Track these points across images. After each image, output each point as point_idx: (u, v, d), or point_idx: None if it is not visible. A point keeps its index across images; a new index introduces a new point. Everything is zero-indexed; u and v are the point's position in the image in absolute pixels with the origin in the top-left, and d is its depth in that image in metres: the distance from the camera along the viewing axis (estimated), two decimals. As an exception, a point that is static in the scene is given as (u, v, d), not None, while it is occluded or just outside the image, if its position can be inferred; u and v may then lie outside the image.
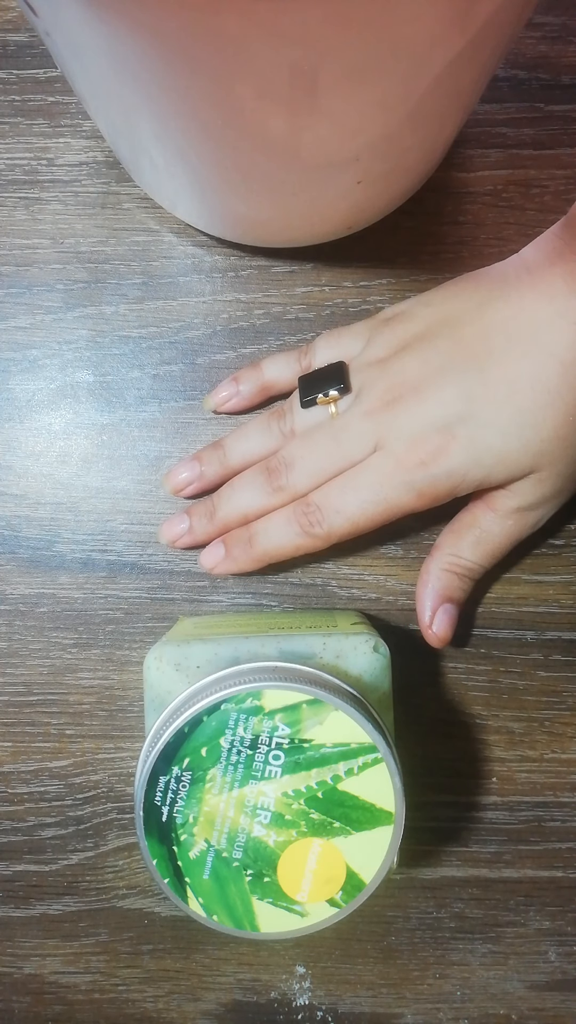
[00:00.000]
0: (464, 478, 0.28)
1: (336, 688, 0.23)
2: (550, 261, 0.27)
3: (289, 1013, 0.32)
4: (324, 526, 0.29)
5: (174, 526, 0.32)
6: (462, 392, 0.27)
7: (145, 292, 0.33)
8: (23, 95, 0.33)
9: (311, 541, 0.29)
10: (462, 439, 0.27)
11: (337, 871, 0.23)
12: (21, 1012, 0.32)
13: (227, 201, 0.29)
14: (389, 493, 0.28)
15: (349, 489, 0.28)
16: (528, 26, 0.33)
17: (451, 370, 0.28)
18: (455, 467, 0.27)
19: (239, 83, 0.18)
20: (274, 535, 0.30)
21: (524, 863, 0.32)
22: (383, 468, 0.28)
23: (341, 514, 0.28)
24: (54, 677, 0.33)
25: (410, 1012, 0.32)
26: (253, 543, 0.30)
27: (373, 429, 0.28)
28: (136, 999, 0.32)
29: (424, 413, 0.28)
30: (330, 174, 0.25)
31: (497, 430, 0.27)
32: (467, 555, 0.30)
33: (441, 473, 0.27)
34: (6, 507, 0.33)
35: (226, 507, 0.31)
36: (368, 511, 0.28)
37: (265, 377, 0.32)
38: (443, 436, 0.27)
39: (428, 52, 0.18)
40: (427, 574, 0.31)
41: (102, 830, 0.32)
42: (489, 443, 0.27)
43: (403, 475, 0.28)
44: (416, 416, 0.28)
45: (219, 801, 0.23)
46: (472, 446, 0.27)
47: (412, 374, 0.28)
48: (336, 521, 0.29)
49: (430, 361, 0.28)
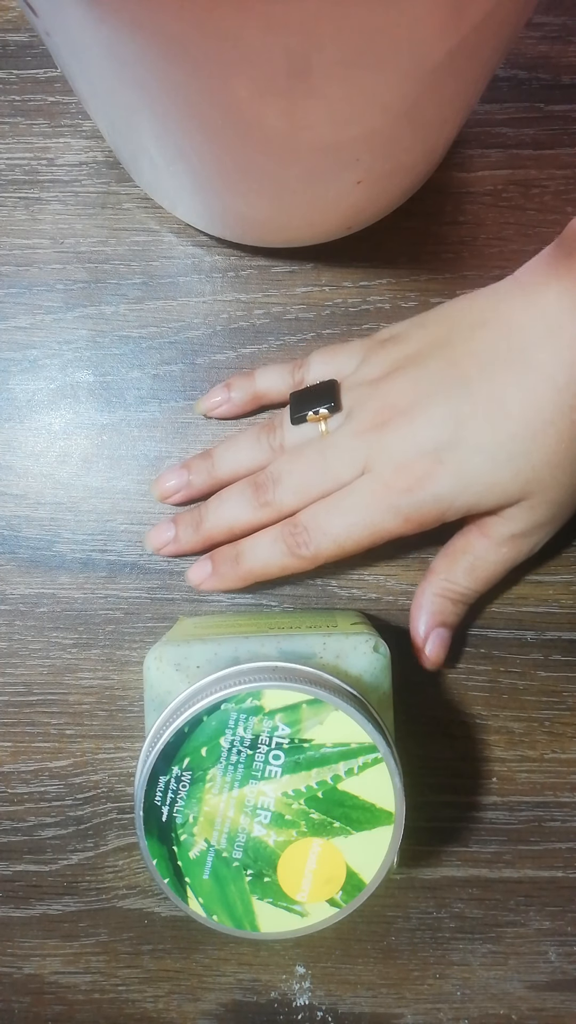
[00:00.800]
0: (452, 504, 0.27)
1: (336, 688, 0.23)
2: (544, 280, 0.27)
3: (289, 1013, 0.32)
4: (311, 548, 0.29)
5: (160, 534, 0.32)
6: (451, 416, 0.27)
7: (145, 292, 0.33)
8: (23, 95, 0.33)
9: (297, 562, 0.29)
10: (450, 465, 0.27)
11: (337, 871, 0.23)
12: (21, 1012, 0.32)
13: (227, 201, 0.29)
14: (375, 517, 0.28)
15: (336, 512, 0.28)
16: (528, 26, 0.33)
17: (441, 393, 0.27)
18: (443, 493, 0.27)
19: (239, 82, 0.18)
20: (261, 554, 0.30)
21: (524, 863, 0.32)
22: (370, 492, 0.28)
23: (328, 536, 0.28)
24: (54, 677, 0.33)
25: (410, 1012, 0.32)
26: (240, 561, 0.30)
27: (362, 450, 0.28)
28: (136, 999, 0.32)
29: (412, 436, 0.27)
30: (330, 174, 0.25)
31: (487, 456, 0.27)
32: (461, 581, 0.30)
33: (428, 499, 0.27)
34: (6, 507, 0.33)
35: (212, 519, 0.31)
36: (354, 535, 0.28)
37: (257, 387, 0.32)
38: (431, 462, 0.27)
39: (427, 50, 0.18)
40: (421, 597, 0.31)
41: (102, 830, 0.32)
42: (478, 470, 0.27)
43: (390, 500, 0.27)
44: (404, 439, 0.27)
45: (219, 801, 0.23)
46: (460, 472, 0.27)
47: (402, 396, 0.28)
48: (323, 543, 0.28)
49: (421, 383, 0.28)
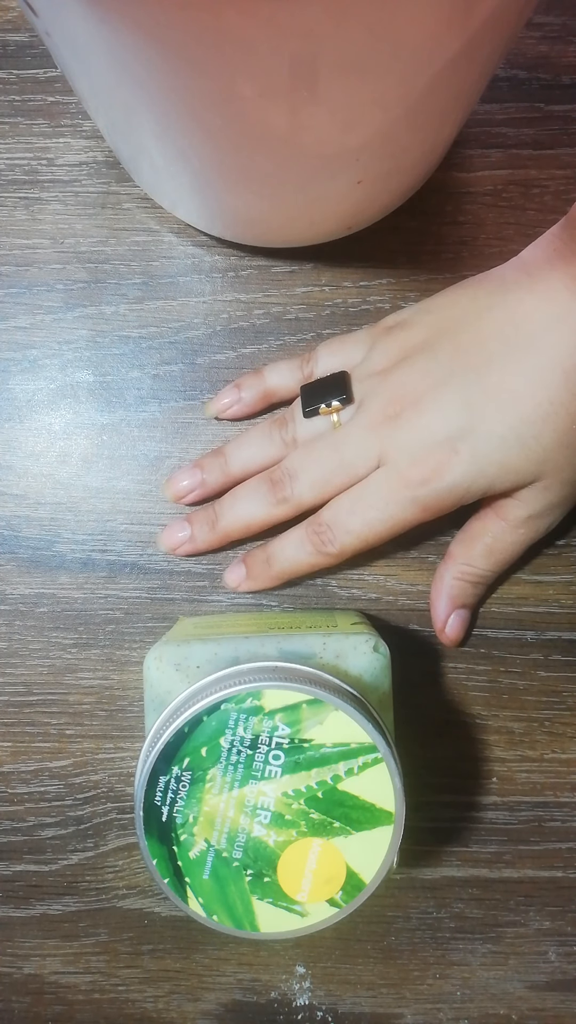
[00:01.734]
0: (468, 490, 0.28)
1: (336, 688, 0.23)
2: (549, 264, 0.27)
3: (289, 1013, 0.32)
4: (336, 545, 0.29)
5: (175, 533, 0.32)
6: (462, 404, 0.28)
7: (145, 292, 0.33)
8: (23, 95, 0.33)
9: (325, 559, 0.30)
10: (464, 453, 0.27)
11: (337, 871, 0.23)
12: (21, 1012, 0.32)
13: (227, 201, 0.29)
14: (395, 510, 0.28)
15: (357, 509, 0.29)
16: (528, 26, 0.33)
17: (451, 381, 0.28)
18: (458, 480, 0.28)
19: (239, 82, 0.18)
20: (290, 555, 0.31)
21: (524, 863, 0.32)
22: (388, 485, 0.28)
23: (351, 533, 0.29)
24: (54, 677, 0.33)
25: (410, 1012, 0.32)
26: (271, 564, 0.31)
27: (375, 443, 0.29)
28: (136, 999, 0.32)
29: (425, 427, 0.28)
30: (330, 174, 0.25)
31: (499, 441, 0.27)
32: (479, 564, 0.31)
33: (444, 488, 0.28)
34: (6, 507, 0.33)
35: (228, 516, 0.31)
36: (376, 528, 0.29)
37: (267, 384, 0.32)
38: (445, 451, 0.28)
39: (428, 51, 0.18)
40: (440, 581, 0.31)
41: (102, 830, 0.32)
42: (491, 455, 0.27)
43: (408, 492, 0.28)
44: (418, 431, 0.28)
45: (219, 801, 0.23)
46: (474, 459, 0.27)
47: (413, 387, 0.28)
48: (347, 540, 0.29)
49: (431, 373, 0.28)
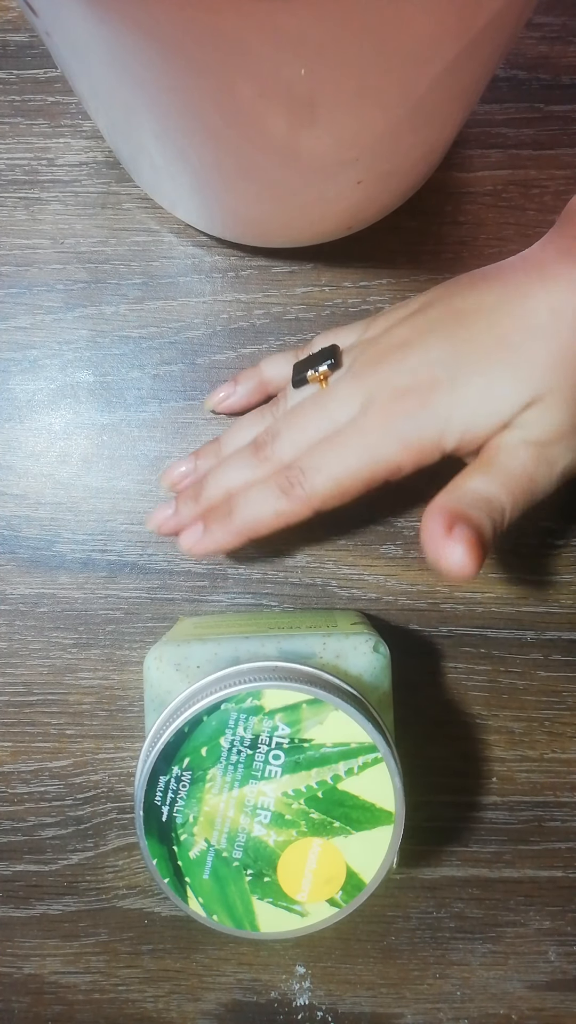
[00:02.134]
0: (449, 421, 0.26)
1: (336, 688, 0.23)
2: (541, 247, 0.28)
3: (289, 1013, 0.32)
4: (306, 487, 0.27)
5: (161, 511, 0.31)
6: (448, 343, 0.26)
7: (145, 292, 0.33)
8: (23, 95, 0.33)
9: (291, 504, 0.27)
10: (445, 381, 0.26)
11: (337, 871, 0.23)
12: (21, 1012, 0.32)
13: (227, 201, 0.29)
14: (371, 445, 0.26)
15: (331, 447, 0.27)
16: (528, 26, 0.33)
17: (439, 329, 0.27)
18: (439, 409, 0.26)
19: (239, 83, 0.18)
20: (253, 502, 0.28)
21: (524, 863, 0.32)
22: (366, 422, 0.27)
23: (322, 471, 0.27)
24: (54, 677, 0.33)
25: (410, 1012, 0.32)
26: (232, 515, 0.28)
27: (359, 389, 0.27)
28: (136, 999, 0.32)
29: (408, 364, 0.27)
30: (330, 174, 0.25)
31: (484, 366, 0.26)
32: (480, 486, 0.26)
33: (425, 417, 0.26)
34: (6, 507, 0.33)
35: (212, 486, 0.30)
36: (351, 466, 0.27)
37: (263, 375, 0.32)
38: (426, 383, 0.26)
39: (429, 53, 0.18)
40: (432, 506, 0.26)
41: (102, 830, 0.32)
42: (474, 380, 0.26)
43: (385, 425, 0.26)
44: (400, 368, 0.27)
45: (219, 801, 0.23)
46: (455, 387, 0.26)
47: (401, 338, 0.27)
48: (318, 480, 0.27)
49: (419, 327, 0.27)
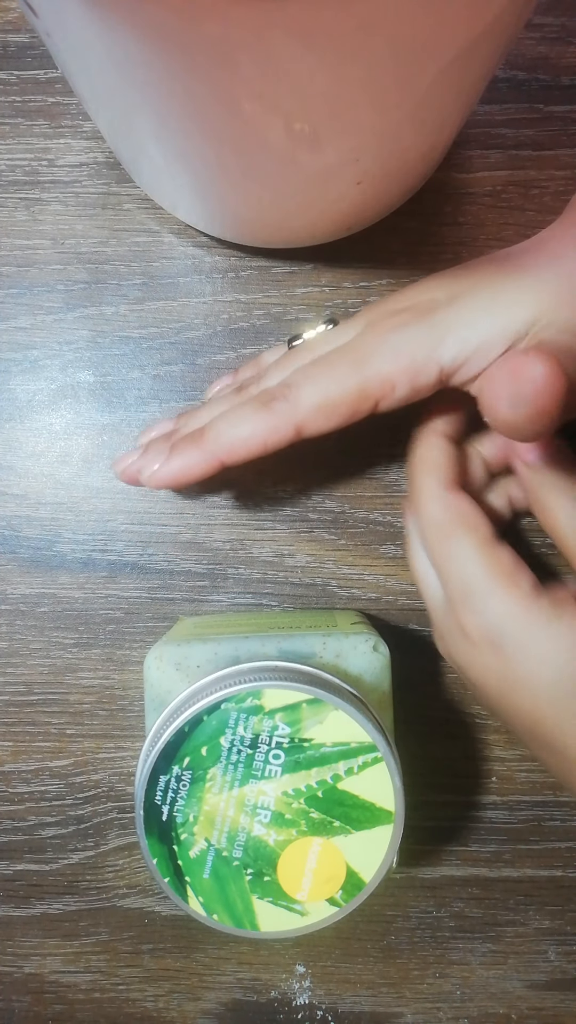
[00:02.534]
0: (446, 333, 0.24)
1: (336, 688, 0.23)
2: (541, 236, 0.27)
3: (289, 1012, 0.32)
4: (289, 399, 0.24)
5: (130, 454, 0.28)
6: (452, 281, 0.26)
7: (145, 293, 0.33)
8: (23, 96, 0.34)
9: (272, 418, 0.24)
10: (443, 299, 0.25)
11: (337, 870, 0.23)
12: (21, 1011, 0.32)
13: (227, 202, 0.29)
14: (361, 357, 0.24)
15: (321, 361, 0.25)
16: (528, 27, 0.33)
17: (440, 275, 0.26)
18: (436, 322, 0.24)
19: (239, 84, 0.18)
20: (229, 420, 0.25)
21: (524, 862, 0.32)
22: (361, 338, 0.25)
23: (308, 384, 0.24)
24: (55, 677, 0.33)
25: (410, 1011, 0.32)
26: (204, 435, 0.25)
27: (355, 322, 0.26)
28: (136, 998, 0.32)
29: (407, 294, 0.26)
30: (330, 175, 0.25)
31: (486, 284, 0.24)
32: None
33: (421, 328, 0.24)
34: (7, 507, 0.33)
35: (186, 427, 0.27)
36: (340, 379, 0.24)
37: (261, 364, 0.31)
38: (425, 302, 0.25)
39: (429, 53, 0.18)
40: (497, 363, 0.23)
41: (102, 829, 0.32)
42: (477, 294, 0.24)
43: (379, 337, 0.25)
44: (399, 297, 0.26)
45: (219, 800, 0.23)
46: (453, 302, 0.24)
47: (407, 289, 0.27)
48: (303, 393, 0.24)
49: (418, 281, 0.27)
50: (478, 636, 0.24)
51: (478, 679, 0.25)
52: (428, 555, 0.26)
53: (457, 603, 0.25)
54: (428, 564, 0.27)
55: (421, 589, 0.28)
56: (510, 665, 0.24)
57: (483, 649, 0.24)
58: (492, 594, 0.24)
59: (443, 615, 0.26)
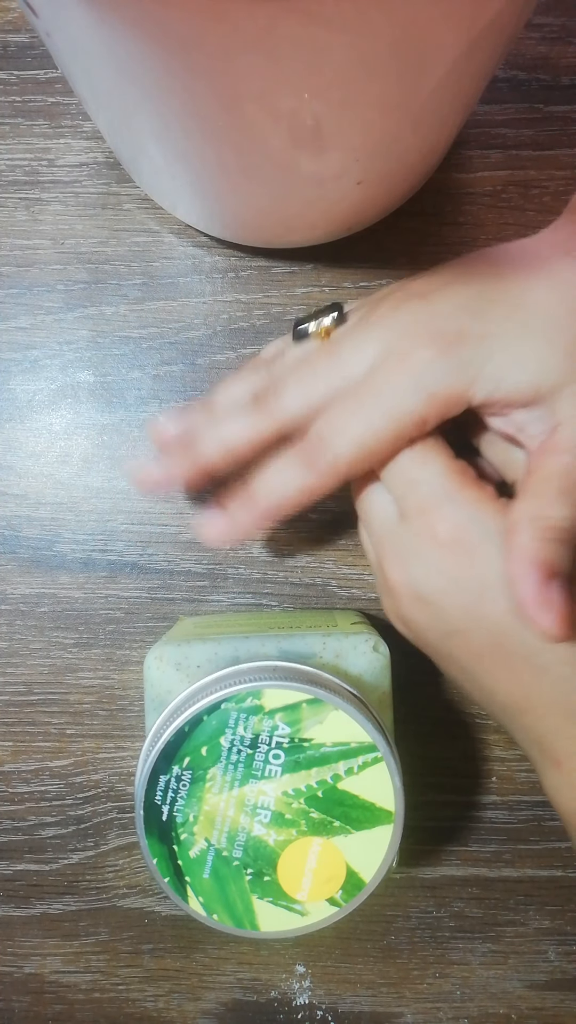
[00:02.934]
0: (479, 374, 0.24)
1: (336, 688, 0.23)
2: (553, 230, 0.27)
3: (289, 1012, 0.32)
4: (328, 454, 0.25)
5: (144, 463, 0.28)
6: (473, 295, 0.25)
7: (145, 293, 0.33)
8: (24, 96, 0.34)
9: (317, 477, 0.25)
10: (474, 333, 0.24)
11: (337, 870, 0.23)
12: (21, 1011, 0.32)
13: (227, 201, 0.29)
14: (394, 400, 0.24)
15: (350, 407, 0.25)
16: (528, 27, 0.33)
17: (459, 283, 0.25)
18: (468, 359, 0.24)
19: (239, 84, 0.18)
20: (276, 482, 0.26)
21: (524, 862, 0.32)
22: (385, 375, 0.24)
23: (344, 435, 0.24)
24: (55, 677, 0.33)
25: (410, 1011, 0.32)
26: (255, 497, 0.26)
27: (374, 339, 0.25)
28: (136, 998, 0.32)
29: (431, 310, 0.25)
30: (330, 175, 0.25)
31: (515, 326, 0.24)
32: (557, 511, 0.24)
33: (452, 367, 0.24)
34: (7, 507, 0.33)
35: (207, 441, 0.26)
36: (374, 425, 0.24)
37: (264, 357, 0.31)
38: (453, 331, 0.24)
39: (430, 53, 0.18)
40: (517, 549, 0.23)
41: (102, 829, 0.32)
42: (506, 337, 0.24)
43: (408, 376, 0.24)
44: (422, 315, 0.25)
45: (219, 800, 0.23)
46: (486, 340, 0.24)
47: (416, 290, 0.25)
48: (340, 445, 0.25)
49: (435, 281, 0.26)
50: (450, 537, 0.24)
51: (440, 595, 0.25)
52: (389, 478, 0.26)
53: (429, 510, 0.25)
54: (381, 489, 0.27)
55: (372, 513, 0.27)
56: (479, 566, 0.24)
57: (455, 551, 0.24)
58: (464, 497, 0.25)
59: (400, 533, 0.26)
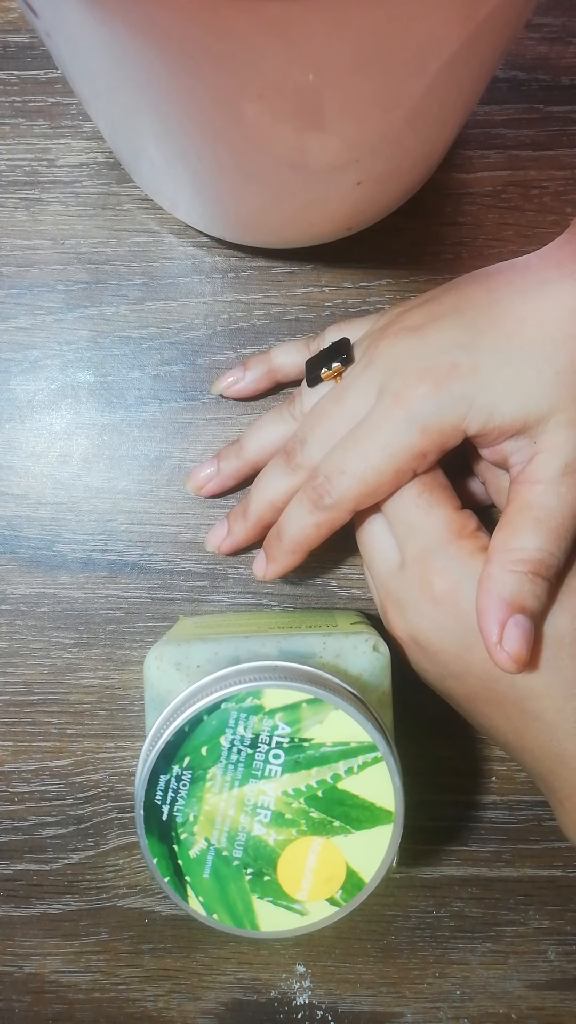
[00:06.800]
0: (471, 406, 0.25)
1: (336, 687, 0.23)
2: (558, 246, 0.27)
3: (289, 1012, 0.32)
4: (333, 494, 0.27)
5: (217, 532, 0.32)
6: (465, 326, 0.26)
7: (145, 293, 0.33)
8: (24, 96, 0.34)
9: (326, 515, 0.27)
10: (465, 366, 0.25)
11: (337, 870, 0.23)
12: (21, 1011, 0.32)
13: (227, 202, 0.29)
14: (391, 436, 0.26)
15: (349, 445, 0.27)
16: (528, 27, 0.33)
17: (453, 315, 0.26)
18: (459, 393, 0.25)
19: (240, 85, 0.18)
20: (295, 522, 0.28)
21: (524, 862, 0.32)
22: (382, 411, 0.26)
23: (347, 474, 0.26)
24: (55, 676, 0.33)
25: (410, 1011, 0.32)
26: (282, 538, 0.29)
27: (373, 378, 0.27)
28: (136, 998, 0.32)
29: (423, 345, 0.26)
30: (330, 175, 0.25)
31: (505, 357, 0.25)
32: (531, 543, 0.25)
33: (445, 401, 0.25)
34: (7, 507, 0.33)
35: (256, 500, 0.30)
36: (373, 462, 0.26)
37: (273, 363, 0.32)
38: (444, 366, 0.25)
39: (429, 53, 0.18)
40: (488, 580, 0.25)
41: (102, 829, 0.32)
42: (496, 369, 0.25)
43: (403, 412, 0.26)
44: (415, 350, 0.26)
45: (219, 800, 0.23)
46: (476, 372, 0.25)
47: (412, 323, 0.27)
48: (343, 484, 0.27)
49: (432, 312, 0.27)
50: (443, 591, 0.26)
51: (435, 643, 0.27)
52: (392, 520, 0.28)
53: (427, 561, 0.27)
54: (384, 530, 0.29)
55: (373, 555, 0.29)
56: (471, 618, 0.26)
57: (446, 604, 0.26)
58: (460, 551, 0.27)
59: (399, 580, 0.28)
